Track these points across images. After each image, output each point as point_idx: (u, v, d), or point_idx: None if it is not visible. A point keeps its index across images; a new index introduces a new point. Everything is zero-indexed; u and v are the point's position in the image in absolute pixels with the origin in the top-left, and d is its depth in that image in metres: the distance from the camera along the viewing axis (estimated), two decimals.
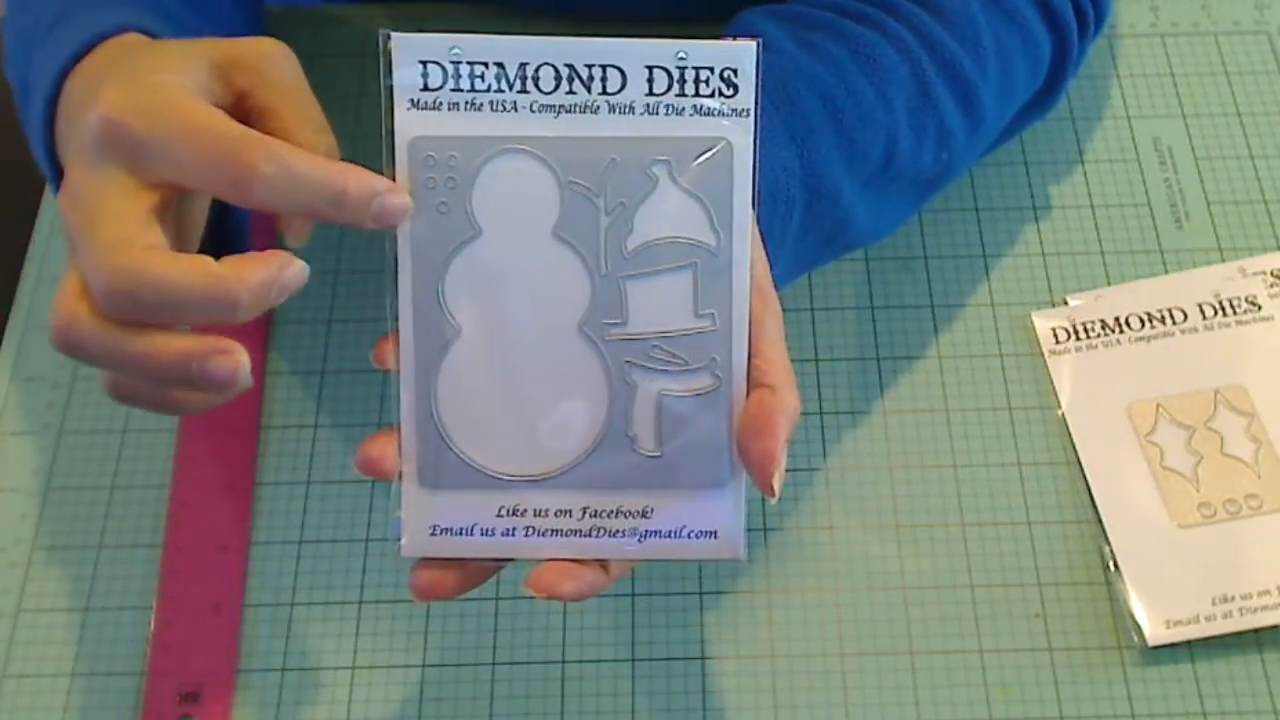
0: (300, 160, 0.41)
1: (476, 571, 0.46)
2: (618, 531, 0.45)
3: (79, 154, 0.42)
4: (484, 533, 0.45)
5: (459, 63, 0.43)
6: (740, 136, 0.44)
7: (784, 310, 0.46)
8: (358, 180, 0.41)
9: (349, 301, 0.66)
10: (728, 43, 0.43)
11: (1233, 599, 0.56)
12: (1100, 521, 0.59)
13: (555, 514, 0.45)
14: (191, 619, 0.57)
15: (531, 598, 0.43)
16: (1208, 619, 0.56)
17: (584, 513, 0.45)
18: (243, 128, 0.41)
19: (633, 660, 0.57)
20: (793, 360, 0.46)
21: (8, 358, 0.65)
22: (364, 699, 0.56)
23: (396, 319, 0.44)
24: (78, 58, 0.46)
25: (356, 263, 0.67)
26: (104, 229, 0.41)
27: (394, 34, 0.43)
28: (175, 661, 0.56)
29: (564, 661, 0.57)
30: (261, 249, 0.42)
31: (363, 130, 0.71)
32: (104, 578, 0.59)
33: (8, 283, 0.67)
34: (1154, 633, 0.56)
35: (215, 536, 0.59)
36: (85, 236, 0.41)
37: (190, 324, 0.42)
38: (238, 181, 0.40)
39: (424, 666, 0.57)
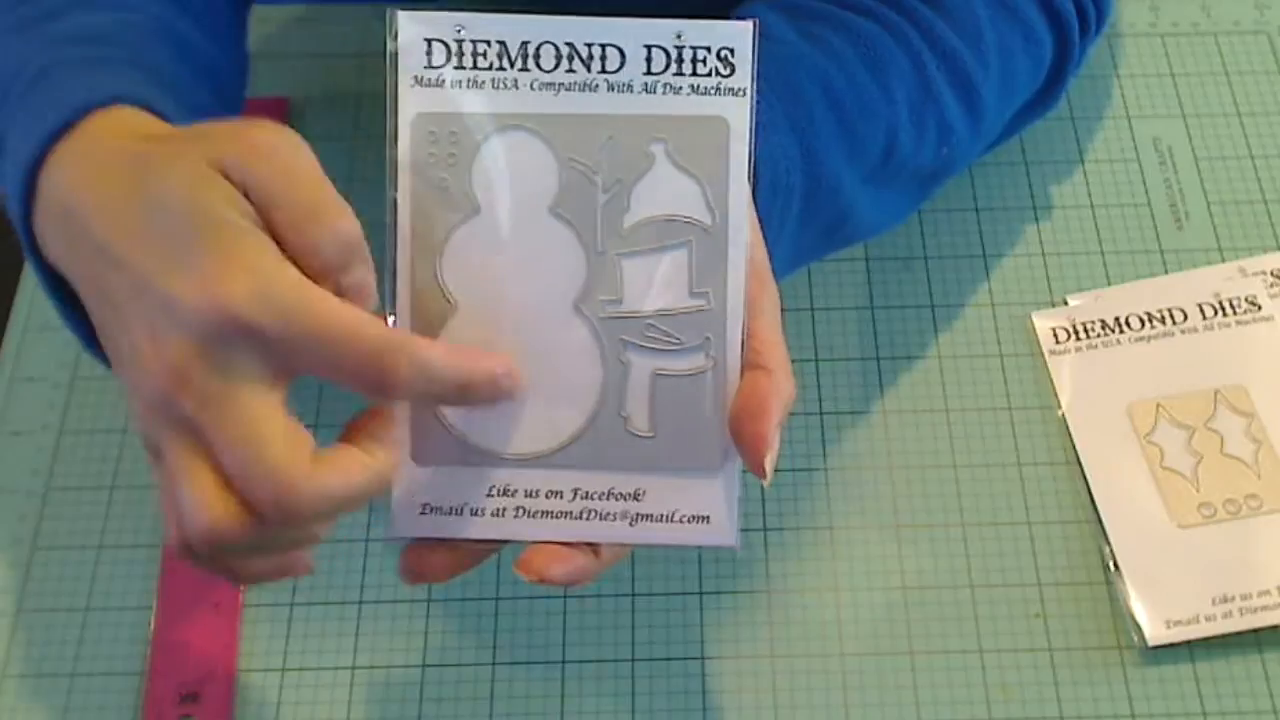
0: (433, 357, 0.41)
1: (467, 554, 0.46)
2: (609, 514, 0.45)
3: (177, 330, 0.39)
4: (474, 513, 0.45)
5: (462, 40, 0.43)
6: (736, 116, 0.44)
7: (784, 310, 0.46)
8: (479, 369, 0.42)
9: None
10: (725, 23, 0.44)
11: (1233, 599, 0.56)
12: (1100, 521, 0.59)
13: (546, 495, 0.45)
14: (191, 619, 0.57)
15: (532, 597, 0.43)
16: (1208, 619, 0.56)
17: (575, 494, 0.45)
18: (378, 326, 0.40)
19: (633, 660, 0.57)
20: (793, 360, 0.46)
21: (8, 358, 0.65)
22: (364, 699, 0.56)
23: (394, 294, 0.44)
24: (63, 130, 0.44)
25: None
26: (256, 440, 0.39)
27: (400, 12, 0.43)
28: (175, 661, 0.56)
29: (564, 661, 0.57)
30: None
31: (364, 130, 0.71)
32: (104, 578, 0.59)
33: (8, 283, 0.67)
34: (1154, 633, 0.56)
35: None
36: (238, 445, 0.39)
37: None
38: (380, 385, 0.40)
39: (424, 666, 0.57)
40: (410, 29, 0.43)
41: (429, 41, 0.43)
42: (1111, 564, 0.58)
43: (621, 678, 0.56)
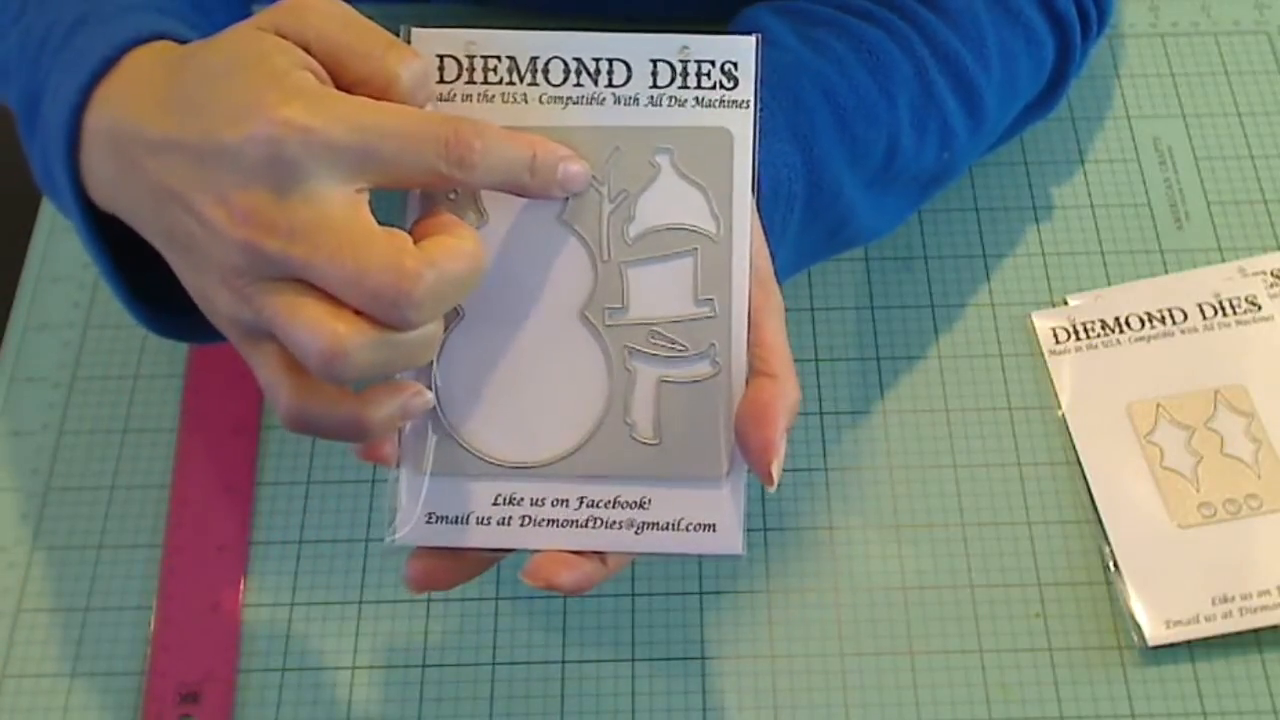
0: (500, 133, 0.41)
1: (472, 563, 0.46)
2: (615, 523, 0.45)
3: (245, 177, 0.39)
4: (479, 521, 0.45)
5: (474, 56, 0.44)
6: (740, 127, 0.44)
7: (785, 311, 0.46)
8: (543, 147, 0.42)
9: None
10: (729, 37, 0.44)
11: (1233, 599, 0.56)
12: (1100, 521, 0.59)
13: (552, 504, 0.45)
14: (191, 619, 0.58)
15: (531, 597, 0.43)
16: (1208, 619, 0.56)
17: (581, 503, 0.45)
18: (436, 112, 0.41)
19: (633, 660, 0.57)
20: (793, 360, 0.46)
21: (8, 358, 0.65)
22: (364, 699, 0.56)
23: None
24: (111, 62, 0.44)
25: None
26: (359, 242, 0.38)
27: (414, 29, 0.44)
28: (175, 661, 0.56)
29: (564, 661, 0.57)
30: None
31: None
32: (104, 578, 0.59)
33: (8, 283, 0.67)
34: (1154, 633, 0.56)
35: (215, 536, 0.59)
36: (343, 252, 0.38)
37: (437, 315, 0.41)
38: (461, 162, 0.40)
39: (424, 666, 0.57)
40: (423, 46, 0.44)
41: (441, 58, 0.44)
42: (1111, 564, 0.58)
43: (621, 678, 0.56)
